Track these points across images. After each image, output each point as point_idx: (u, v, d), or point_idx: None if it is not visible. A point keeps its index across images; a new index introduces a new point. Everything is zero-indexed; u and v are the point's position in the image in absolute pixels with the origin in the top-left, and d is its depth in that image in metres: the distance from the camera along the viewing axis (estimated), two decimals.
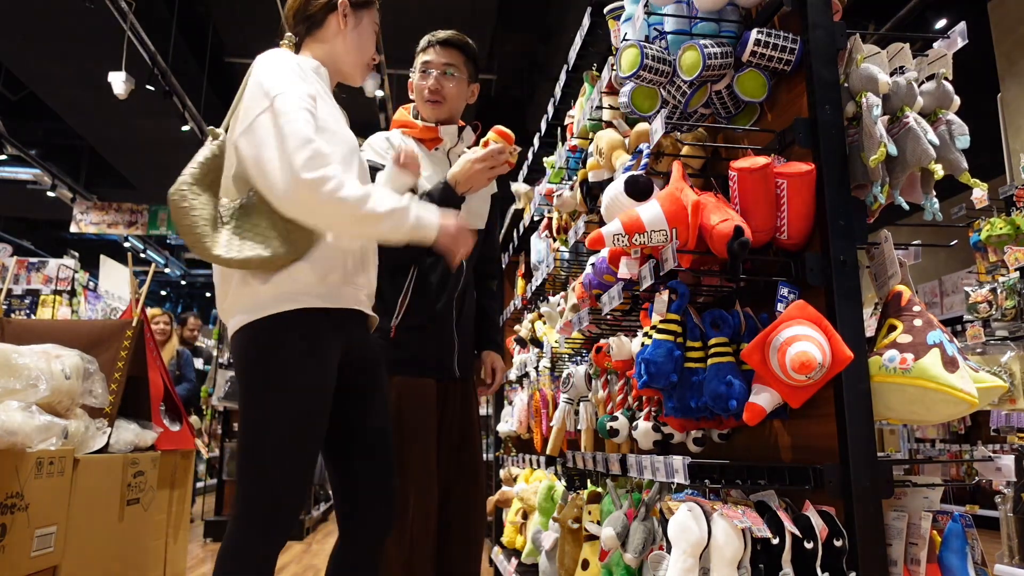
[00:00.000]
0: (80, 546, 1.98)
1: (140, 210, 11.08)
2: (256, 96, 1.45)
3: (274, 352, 1.46)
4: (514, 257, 4.43)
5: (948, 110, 1.49)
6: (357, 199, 1.39)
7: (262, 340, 1.48)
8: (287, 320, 1.46)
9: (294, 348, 1.47)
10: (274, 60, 1.51)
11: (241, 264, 1.42)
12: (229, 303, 1.51)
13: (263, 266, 1.43)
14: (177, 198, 1.43)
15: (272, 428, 1.46)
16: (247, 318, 1.48)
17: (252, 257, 1.41)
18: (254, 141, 1.41)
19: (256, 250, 1.41)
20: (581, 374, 2.47)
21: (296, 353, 1.47)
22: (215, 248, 1.41)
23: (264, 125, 1.40)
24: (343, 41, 1.65)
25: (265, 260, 1.42)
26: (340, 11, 1.64)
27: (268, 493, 1.46)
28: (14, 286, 6.74)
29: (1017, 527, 2.95)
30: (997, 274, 3.22)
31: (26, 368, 1.80)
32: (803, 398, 1.38)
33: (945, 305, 6.69)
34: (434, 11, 7.81)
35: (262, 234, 1.43)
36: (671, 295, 1.61)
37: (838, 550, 1.29)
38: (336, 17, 1.64)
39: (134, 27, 6.65)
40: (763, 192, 1.45)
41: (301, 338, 1.48)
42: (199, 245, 1.42)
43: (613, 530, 1.68)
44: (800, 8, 1.54)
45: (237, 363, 1.51)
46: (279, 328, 1.46)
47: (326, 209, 1.40)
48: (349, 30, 1.66)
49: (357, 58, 1.69)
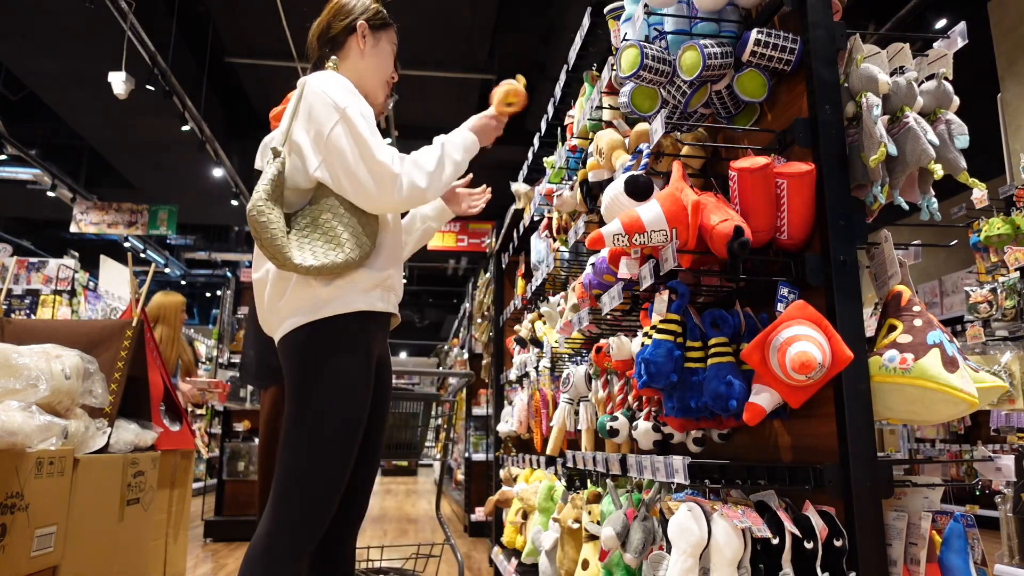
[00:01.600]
0: (80, 546, 1.98)
1: (140, 210, 11.07)
2: (326, 112, 1.54)
3: (332, 353, 1.53)
4: (514, 257, 4.43)
5: (948, 110, 1.49)
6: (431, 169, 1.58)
7: (321, 341, 1.53)
8: (346, 322, 1.54)
9: (350, 350, 1.54)
10: (332, 78, 1.61)
11: (317, 271, 1.50)
12: (285, 304, 1.56)
13: (334, 271, 1.52)
14: (255, 214, 1.49)
15: (325, 428, 1.50)
16: (305, 318, 1.53)
17: (327, 263, 1.50)
18: (335, 150, 1.52)
19: (329, 256, 1.51)
20: (581, 374, 2.47)
21: (352, 355, 1.55)
22: (294, 257, 1.49)
23: (340, 135, 1.52)
24: (363, 61, 1.75)
25: (338, 266, 1.51)
26: (359, 32, 1.75)
27: (316, 494, 1.50)
28: (14, 286, 6.74)
29: (1017, 527, 2.95)
30: (997, 274, 3.22)
31: (26, 368, 1.80)
32: (803, 398, 1.38)
33: (945, 305, 6.69)
34: (434, 11, 7.81)
35: (333, 241, 1.53)
36: (671, 295, 1.61)
37: (838, 550, 1.29)
38: (356, 39, 1.75)
39: (134, 27, 6.65)
40: (763, 192, 1.45)
41: (356, 340, 1.56)
42: (279, 255, 1.49)
43: (613, 530, 1.68)
44: (800, 8, 1.54)
45: (291, 362, 1.54)
46: (337, 330, 1.54)
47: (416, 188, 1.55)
48: (368, 50, 1.76)
49: (376, 77, 1.78)
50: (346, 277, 1.54)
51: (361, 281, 1.56)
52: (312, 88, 1.58)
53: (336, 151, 1.52)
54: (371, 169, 1.51)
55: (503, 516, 3.55)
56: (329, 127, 1.53)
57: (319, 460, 1.50)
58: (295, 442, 1.50)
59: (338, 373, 1.52)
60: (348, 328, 1.55)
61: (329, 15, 1.76)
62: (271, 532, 1.46)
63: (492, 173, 11.19)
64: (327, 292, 1.53)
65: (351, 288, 1.55)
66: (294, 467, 1.50)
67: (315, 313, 1.53)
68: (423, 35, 8.25)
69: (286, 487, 1.49)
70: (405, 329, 23.19)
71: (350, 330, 1.55)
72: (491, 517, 4.35)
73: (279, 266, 1.51)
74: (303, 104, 1.58)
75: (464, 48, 8.61)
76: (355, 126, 1.52)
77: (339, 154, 1.52)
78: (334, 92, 1.56)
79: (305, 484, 1.49)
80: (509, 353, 4.14)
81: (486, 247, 10.26)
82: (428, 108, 9.84)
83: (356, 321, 1.55)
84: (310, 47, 1.79)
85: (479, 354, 6.29)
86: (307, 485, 1.49)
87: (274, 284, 1.59)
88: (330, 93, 1.56)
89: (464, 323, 8.60)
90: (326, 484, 1.51)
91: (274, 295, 1.59)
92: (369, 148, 1.52)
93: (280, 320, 1.58)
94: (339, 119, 1.53)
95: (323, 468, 1.50)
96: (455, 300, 19.02)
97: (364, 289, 1.57)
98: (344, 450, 1.52)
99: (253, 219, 1.49)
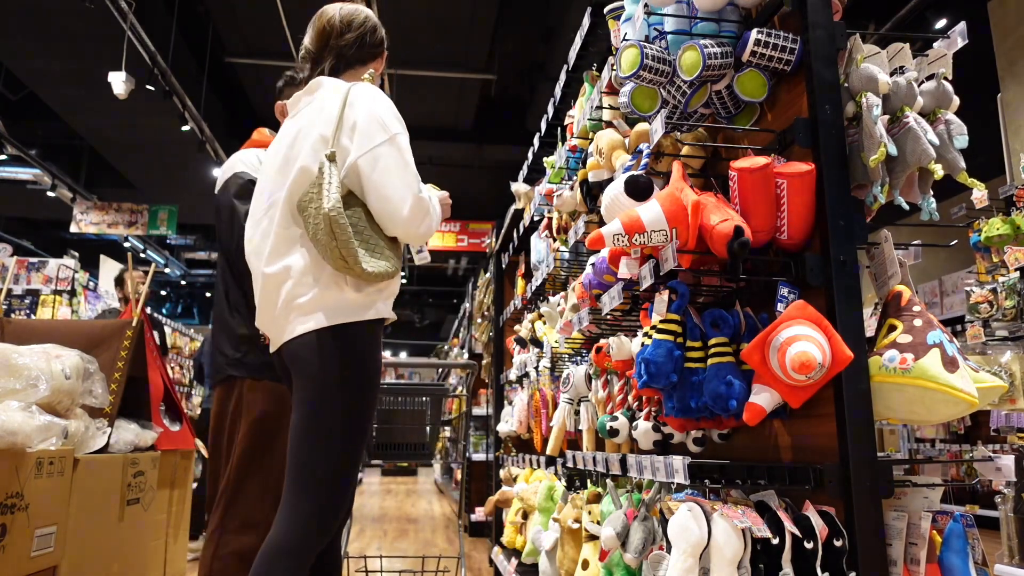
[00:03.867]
0: (80, 546, 1.98)
1: (140, 210, 11.06)
2: (375, 128, 1.59)
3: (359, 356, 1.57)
4: (514, 257, 4.43)
5: (947, 110, 1.49)
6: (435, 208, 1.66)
7: (350, 343, 1.56)
8: (370, 327, 1.59)
9: (373, 354, 1.61)
10: (381, 99, 1.66)
11: (377, 277, 1.54)
12: (309, 303, 1.56)
13: (386, 278, 1.57)
14: (336, 215, 1.50)
15: (351, 427, 1.55)
16: (333, 320, 1.55)
17: (384, 271, 1.55)
18: (378, 167, 1.57)
19: (383, 264, 1.56)
20: (581, 374, 2.47)
21: (374, 358, 1.61)
22: (363, 262, 1.52)
23: (389, 155, 1.57)
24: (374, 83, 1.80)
25: (391, 272, 1.57)
26: (383, 60, 1.87)
27: (342, 490, 1.55)
28: (14, 286, 6.74)
29: (1017, 527, 2.95)
30: (997, 274, 3.22)
31: (26, 368, 1.80)
32: (803, 398, 1.38)
33: (945, 305, 6.69)
34: (434, 11, 7.81)
35: (377, 249, 1.57)
36: (671, 295, 1.61)
37: (838, 550, 1.29)
38: (378, 63, 1.85)
39: (134, 27, 6.65)
40: (763, 192, 1.45)
41: (375, 345, 1.62)
42: (352, 257, 1.51)
43: (613, 530, 1.68)
44: (800, 8, 1.54)
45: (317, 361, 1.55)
46: (364, 333, 1.58)
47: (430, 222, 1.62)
48: (378, 78, 1.85)
49: None
50: (376, 285, 1.59)
51: (386, 289, 1.62)
52: (362, 103, 1.62)
53: (380, 169, 1.56)
54: (406, 196, 1.55)
55: (503, 516, 3.54)
56: (376, 143, 1.57)
57: (345, 458, 1.54)
58: (320, 441, 1.52)
59: (363, 375, 1.57)
60: (373, 332, 1.60)
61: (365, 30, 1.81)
62: (296, 530, 1.48)
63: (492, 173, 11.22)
64: (356, 297, 1.57)
65: (378, 295, 1.60)
66: (321, 464, 1.52)
67: (344, 316, 1.55)
68: (423, 35, 8.26)
69: (313, 484, 1.51)
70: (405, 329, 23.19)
71: (373, 334, 1.60)
72: (491, 517, 4.35)
73: (342, 268, 1.52)
74: (350, 114, 1.61)
75: (464, 48, 8.61)
76: (402, 153, 1.59)
77: (382, 172, 1.56)
78: (385, 114, 1.61)
79: (333, 481, 1.53)
80: (509, 353, 4.14)
81: (486, 247, 10.26)
82: (428, 108, 9.85)
83: (376, 326, 1.61)
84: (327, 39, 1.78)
85: (479, 354, 6.29)
86: (335, 482, 1.53)
87: (298, 281, 1.58)
88: (381, 114, 1.61)
89: (464, 323, 8.60)
90: (349, 481, 1.57)
91: (295, 293, 1.58)
92: (412, 177, 1.59)
93: (299, 318, 1.57)
94: (387, 139, 1.58)
95: (348, 465, 1.55)
96: (455, 300, 19.01)
97: (385, 297, 1.63)
98: (362, 448, 1.59)
99: (334, 220, 1.49)
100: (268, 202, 1.67)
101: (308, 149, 1.62)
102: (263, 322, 1.68)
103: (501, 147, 10.06)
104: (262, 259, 1.64)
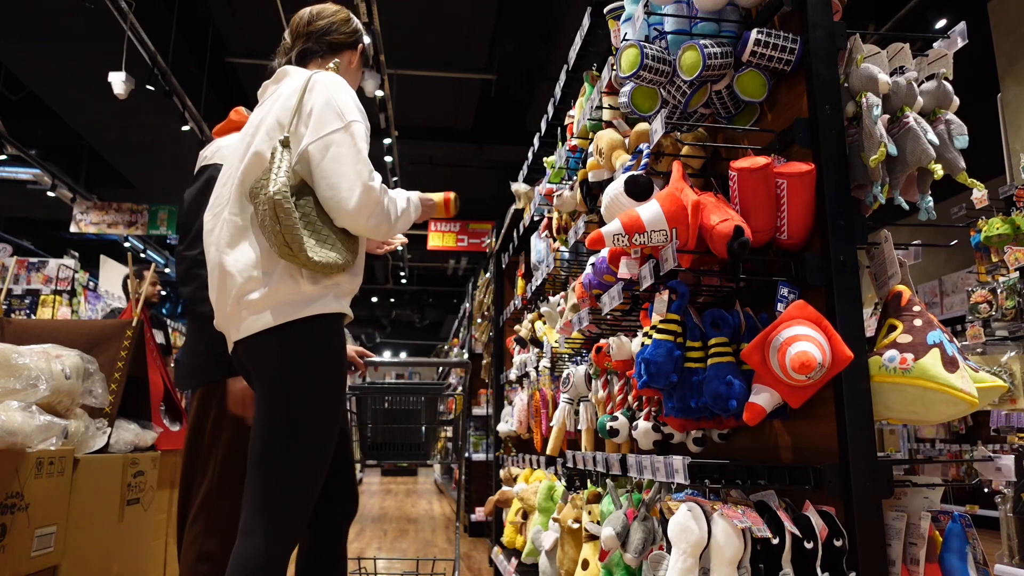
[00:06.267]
0: (80, 546, 1.98)
1: (140, 210, 11.06)
2: (329, 115, 1.54)
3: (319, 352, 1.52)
4: (514, 257, 4.43)
5: (947, 110, 1.49)
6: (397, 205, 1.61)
7: (308, 339, 1.50)
8: (330, 322, 1.53)
9: (336, 350, 1.55)
10: (341, 87, 1.61)
11: (324, 268, 1.48)
12: (264, 298, 1.49)
13: (336, 270, 1.51)
14: (281, 198, 1.44)
15: (317, 428, 1.50)
16: (289, 316, 1.48)
17: (332, 261, 1.49)
18: (328, 154, 1.51)
19: (332, 255, 1.50)
20: (581, 374, 2.47)
21: (337, 354, 1.55)
22: (308, 250, 1.46)
23: (342, 143, 1.51)
24: (347, 75, 1.79)
25: (340, 265, 1.51)
26: (358, 51, 1.85)
27: (310, 494, 1.49)
28: (14, 286, 6.74)
29: (1017, 527, 2.95)
30: (997, 274, 3.22)
31: (26, 368, 1.80)
32: (803, 398, 1.38)
33: (945, 305, 6.69)
34: (434, 11, 7.81)
35: (328, 240, 1.51)
36: (671, 295, 1.61)
37: (838, 550, 1.29)
38: (351, 55, 1.83)
39: (134, 27, 6.64)
40: (763, 192, 1.45)
41: (337, 340, 1.55)
42: (297, 245, 1.45)
43: (613, 530, 1.68)
44: (800, 8, 1.54)
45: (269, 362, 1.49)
46: (325, 329, 1.52)
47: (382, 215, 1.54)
48: (354, 69, 1.85)
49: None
50: (332, 278, 1.53)
51: (343, 284, 1.56)
52: (321, 89, 1.57)
53: (330, 156, 1.50)
54: (355, 185, 1.49)
55: (503, 516, 3.54)
56: (329, 130, 1.52)
57: (312, 461, 1.49)
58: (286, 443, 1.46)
59: (327, 372, 1.52)
60: (333, 328, 1.54)
61: (335, 20, 1.80)
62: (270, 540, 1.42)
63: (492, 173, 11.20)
64: (313, 291, 1.50)
65: (335, 289, 1.54)
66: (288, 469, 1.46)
67: (300, 311, 1.49)
68: (423, 35, 8.25)
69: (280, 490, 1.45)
70: (405, 329, 23.18)
71: (335, 330, 1.54)
72: (491, 517, 4.35)
73: (286, 256, 1.47)
74: (309, 99, 1.56)
75: (464, 48, 8.61)
76: (356, 141, 1.53)
77: (332, 160, 1.50)
78: (343, 101, 1.56)
79: (301, 486, 1.47)
80: (509, 353, 4.14)
81: (486, 247, 10.26)
82: (428, 108, 9.84)
83: (337, 321, 1.56)
84: (296, 31, 1.79)
85: (479, 354, 6.29)
86: (302, 487, 1.47)
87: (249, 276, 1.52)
88: (339, 101, 1.56)
89: (464, 323, 8.60)
90: (316, 484, 1.50)
91: (246, 288, 1.51)
92: (364, 166, 1.51)
93: (252, 315, 1.50)
94: (342, 127, 1.53)
95: (316, 469, 1.50)
96: (455, 300, 19.00)
97: (345, 292, 1.57)
98: (329, 448, 1.53)
99: (279, 203, 1.43)
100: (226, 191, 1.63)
101: (263, 134, 1.57)
102: (219, 319, 1.61)
103: (501, 147, 10.05)
104: (219, 249, 1.58)
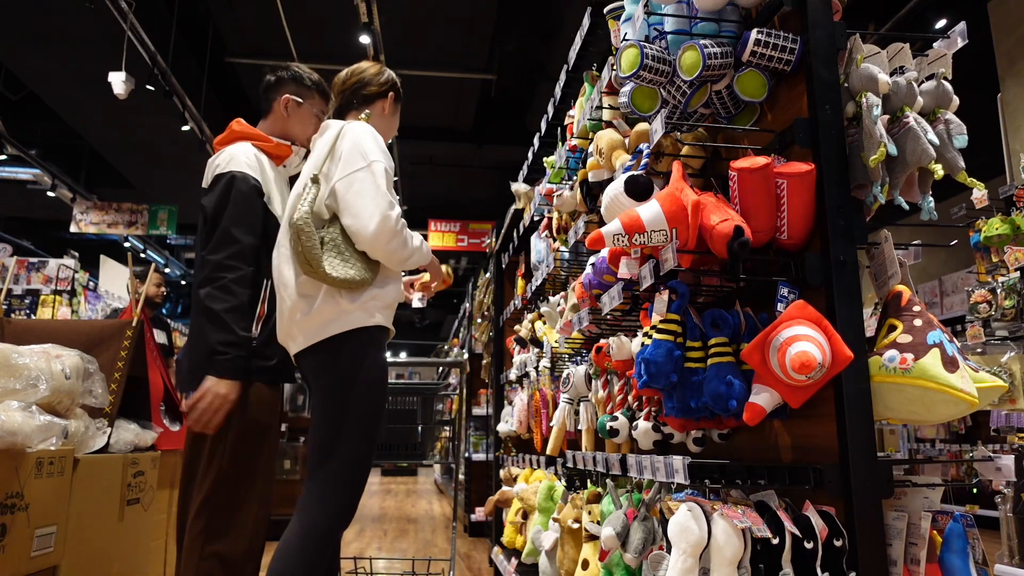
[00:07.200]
0: (80, 546, 1.98)
1: (140, 210, 11.05)
2: (355, 156, 1.79)
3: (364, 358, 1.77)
4: (514, 257, 4.43)
5: (947, 110, 1.49)
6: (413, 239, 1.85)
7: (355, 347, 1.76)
8: (371, 332, 1.78)
9: (376, 358, 1.80)
10: (368, 133, 1.86)
11: (343, 283, 1.72)
12: (311, 318, 1.76)
13: (356, 286, 1.75)
14: (302, 224, 1.72)
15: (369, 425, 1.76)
16: (336, 330, 1.74)
17: (351, 277, 1.73)
18: (352, 188, 1.76)
19: (351, 272, 1.74)
20: (581, 374, 2.47)
21: (378, 362, 1.80)
22: (327, 268, 1.72)
23: (364, 179, 1.76)
24: (382, 122, 2.04)
25: (359, 281, 1.75)
26: (390, 99, 2.06)
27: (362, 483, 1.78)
28: (14, 286, 6.74)
29: (1017, 527, 2.95)
30: (997, 274, 3.22)
31: (26, 368, 1.80)
32: (803, 398, 1.38)
33: (945, 305, 6.69)
34: (434, 11, 7.81)
35: (350, 260, 1.76)
36: (671, 295, 1.61)
37: (838, 550, 1.29)
38: (384, 103, 2.05)
39: (134, 27, 6.64)
40: (763, 192, 1.45)
41: (379, 350, 1.82)
42: (315, 263, 1.71)
43: (613, 530, 1.68)
44: (800, 8, 1.54)
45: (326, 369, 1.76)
46: (367, 339, 1.77)
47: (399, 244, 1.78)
48: (388, 116, 2.07)
49: (387, 136, 2.08)
50: (366, 294, 1.77)
51: (380, 299, 1.80)
52: (350, 136, 1.82)
53: (353, 190, 1.74)
54: (375, 215, 1.72)
55: (503, 516, 3.54)
56: (353, 169, 1.76)
57: (365, 453, 1.76)
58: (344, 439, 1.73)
59: (373, 375, 1.77)
60: (374, 337, 1.78)
61: (366, 75, 2.03)
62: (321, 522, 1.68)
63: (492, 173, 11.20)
64: (352, 307, 1.75)
65: (373, 305, 1.78)
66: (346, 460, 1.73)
67: (345, 325, 1.74)
68: (423, 35, 8.25)
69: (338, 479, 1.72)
70: (405, 329, 23.18)
71: (376, 339, 1.79)
72: (491, 517, 4.35)
73: (309, 273, 1.72)
74: (340, 145, 1.82)
75: (464, 48, 8.61)
76: (376, 178, 1.77)
77: (355, 193, 1.74)
78: (367, 145, 1.81)
79: (356, 475, 1.75)
80: (509, 353, 4.14)
81: (486, 247, 10.26)
82: (428, 108, 9.84)
83: (380, 335, 1.81)
84: (336, 90, 2.05)
85: (479, 354, 6.29)
86: (358, 476, 1.75)
87: (296, 301, 1.78)
88: (364, 144, 1.80)
89: (464, 323, 8.60)
90: (366, 474, 1.78)
91: (295, 311, 1.78)
92: (383, 199, 1.75)
93: (306, 331, 1.77)
94: (365, 166, 1.77)
95: (367, 460, 1.77)
96: (455, 300, 19.00)
97: (382, 307, 1.80)
98: (374, 444, 1.81)
99: (300, 228, 1.71)
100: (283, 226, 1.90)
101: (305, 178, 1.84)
102: (280, 334, 1.87)
103: (501, 147, 10.05)
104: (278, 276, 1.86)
